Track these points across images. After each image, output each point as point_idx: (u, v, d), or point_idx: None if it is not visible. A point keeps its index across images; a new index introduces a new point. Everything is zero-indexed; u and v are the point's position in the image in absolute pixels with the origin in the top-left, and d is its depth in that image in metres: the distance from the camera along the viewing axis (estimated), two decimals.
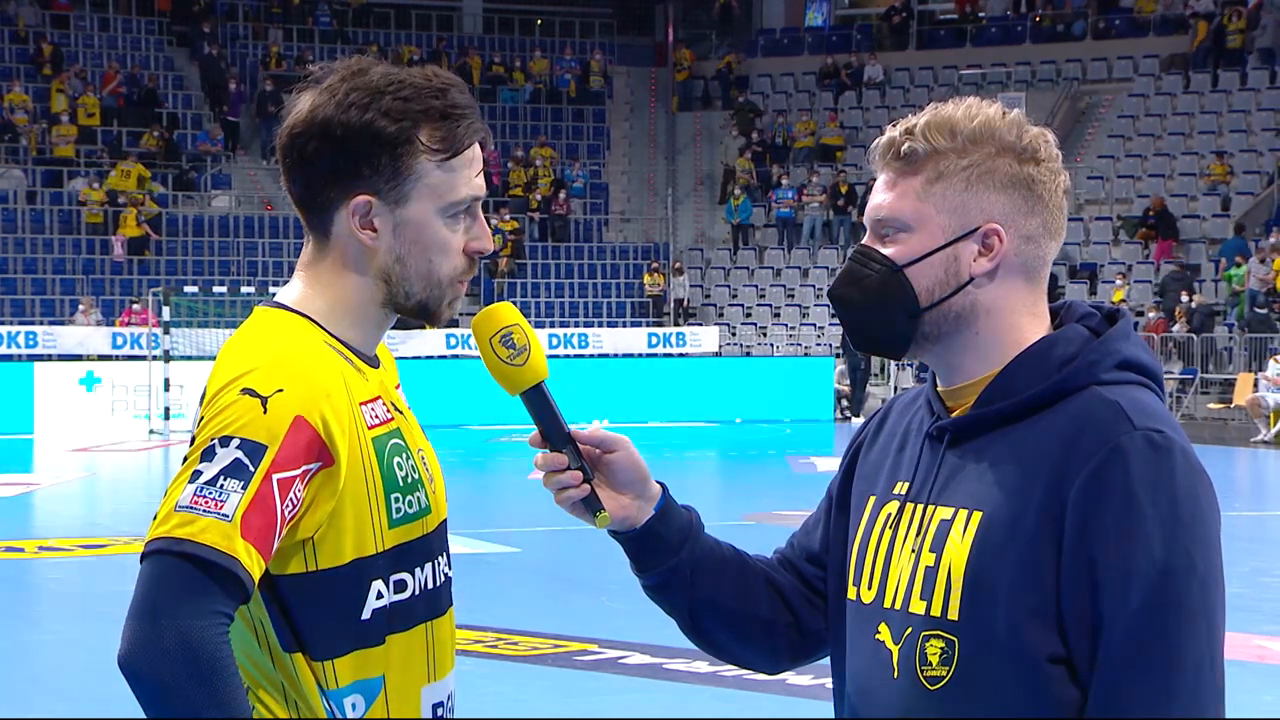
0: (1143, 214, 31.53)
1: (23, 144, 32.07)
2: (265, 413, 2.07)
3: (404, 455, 2.24)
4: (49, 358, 25.98)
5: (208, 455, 2.05)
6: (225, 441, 2.05)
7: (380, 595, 2.19)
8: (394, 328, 2.37)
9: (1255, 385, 24.53)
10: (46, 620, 9.64)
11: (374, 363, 2.31)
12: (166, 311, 23.93)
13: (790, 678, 7.39)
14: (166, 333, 23.73)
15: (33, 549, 12.24)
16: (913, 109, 2.21)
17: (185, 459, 2.09)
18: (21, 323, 27.52)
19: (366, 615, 2.18)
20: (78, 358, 26.08)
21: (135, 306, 27.69)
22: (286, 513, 2.07)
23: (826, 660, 2.33)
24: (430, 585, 2.27)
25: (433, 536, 2.28)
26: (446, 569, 2.33)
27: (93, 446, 21.64)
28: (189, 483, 2.03)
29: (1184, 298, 28.32)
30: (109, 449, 21.54)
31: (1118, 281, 29.56)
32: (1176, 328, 27.48)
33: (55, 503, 15.94)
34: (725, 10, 41.18)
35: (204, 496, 2.02)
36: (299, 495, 2.09)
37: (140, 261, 30.32)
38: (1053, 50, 37.00)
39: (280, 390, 2.09)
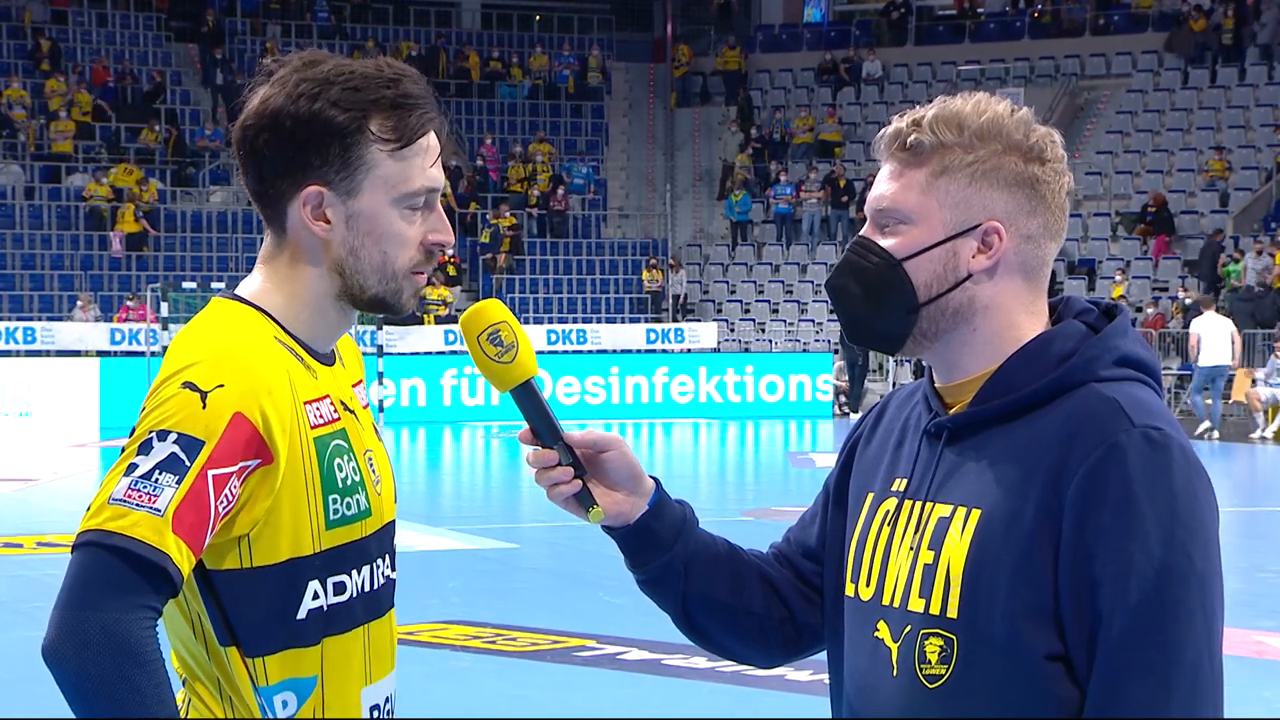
0: (1141, 210, 31.54)
1: (21, 140, 32.05)
2: (204, 408, 2.06)
3: (345, 456, 2.22)
4: (48, 354, 25.98)
5: (145, 449, 2.05)
6: (163, 435, 2.05)
7: (316, 596, 2.18)
8: (390, 323, 2.35)
9: (1253, 381, 24.56)
10: (45, 616, 9.63)
11: (328, 360, 2.29)
12: (164, 307, 23.92)
13: (788, 674, 7.39)
14: (165, 329, 23.71)
15: (31, 545, 12.24)
16: (911, 105, 2.20)
17: (124, 449, 2.08)
18: (20, 319, 27.51)
19: (301, 615, 2.16)
20: (76, 354, 26.08)
21: (130, 304, 27.68)
22: (221, 509, 2.06)
23: (824, 656, 2.33)
24: (368, 588, 2.25)
25: (371, 540, 2.26)
26: (389, 571, 2.31)
27: (90, 443, 21.64)
28: (124, 475, 2.03)
29: (1180, 294, 28.36)
30: (109, 445, 21.53)
31: (1116, 278, 29.58)
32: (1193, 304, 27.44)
33: (54, 499, 15.93)
34: (724, 6, 41.16)
35: (138, 490, 2.02)
36: (235, 492, 2.08)
37: (138, 257, 30.32)
38: (1051, 46, 37.00)
39: (221, 386, 2.07)
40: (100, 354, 26.00)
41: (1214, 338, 23.19)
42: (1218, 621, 1.97)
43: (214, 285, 26.34)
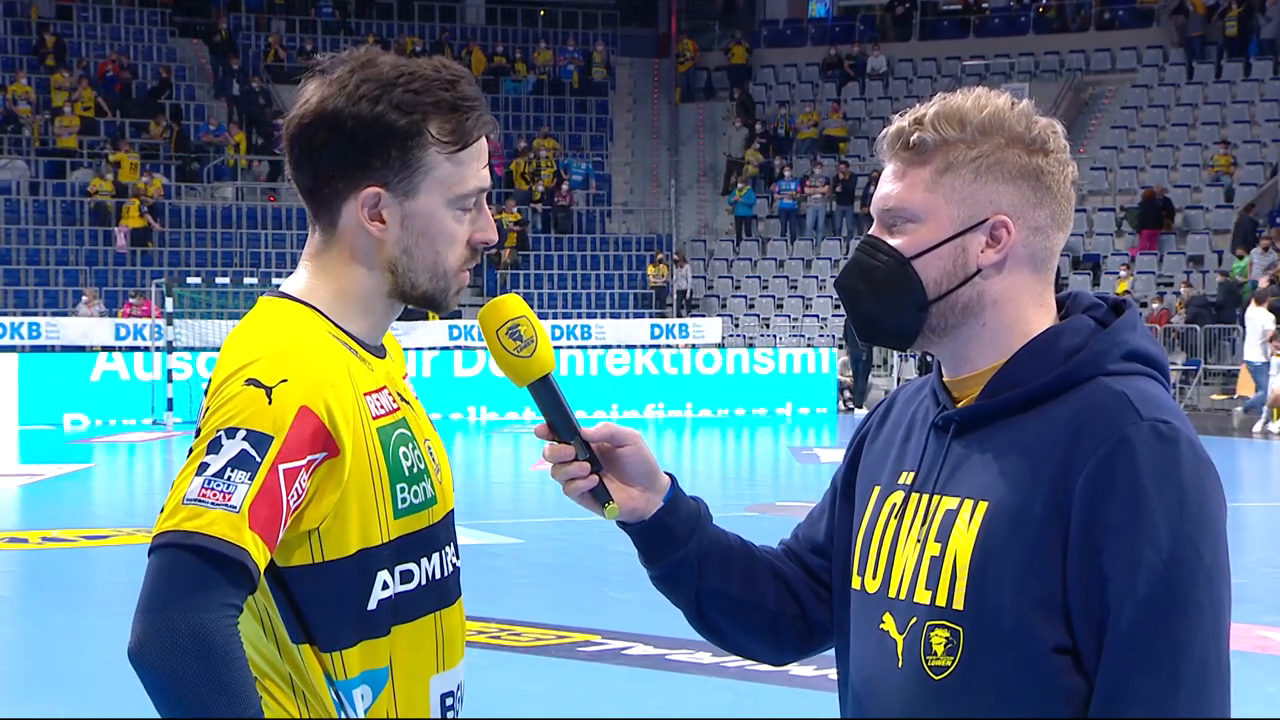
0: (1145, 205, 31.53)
1: (26, 135, 32.07)
2: (270, 403, 2.07)
3: (410, 445, 2.24)
4: (52, 349, 25.99)
5: (214, 447, 2.05)
6: (231, 433, 2.06)
7: (386, 585, 2.19)
8: (399, 318, 2.37)
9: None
10: (49, 611, 9.65)
11: (380, 353, 2.31)
12: (169, 303, 23.92)
13: (793, 669, 7.39)
14: (169, 324, 23.73)
15: (36, 540, 12.25)
16: (916, 100, 2.20)
17: (191, 451, 2.08)
18: (25, 314, 27.52)
19: (372, 605, 2.17)
20: (81, 349, 26.09)
21: (133, 300, 27.70)
22: (292, 503, 2.07)
23: (830, 651, 2.33)
24: (438, 575, 2.27)
25: (439, 526, 2.28)
26: (455, 559, 2.33)
27: (95, 438, 21.67)
28: (196, 475, 2.04)
29: (1182, 290, 28.36)
30: (112, 440, 21.55)
31: (1121, 273, 29.56)
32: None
33: (58, 493, 15.95)
34: (728, 2, 41.15)
35: (211, 489, 2.02)
36: (304, 485, 2.09)
37: (143, 252, 30.33)
38: (1056, 41, 37.00)
39: (285, 381, 2.09)
40: (105, 349, 26.01)
41: (1251, 333, 23.25)
42: (1226, 616, 1.97)
43: (219, 280, 26.37)
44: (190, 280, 26.59)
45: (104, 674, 7.69)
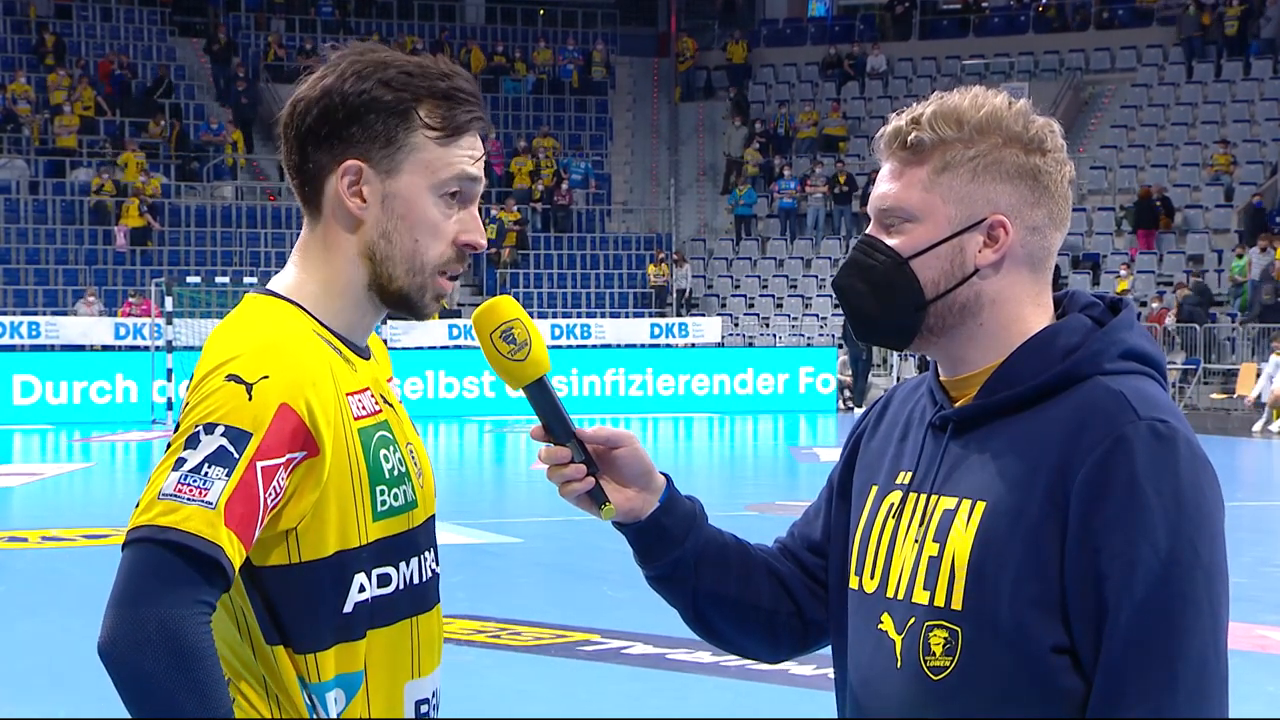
0: (1147, 204, 31.53)
1: (25, 134, 32.06)
2: (250, 399, 2.04)
3: (391, 448, 2.21)
4: (52, 348, 25.98)
5: (192, 442, 2.03)
6: (210, 428, 2.03)
7: (363, 588, 2.16)
8: (395, 318, 2.35)
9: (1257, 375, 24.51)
10: (49, 610, 9.64)
11: (364, 354, 2.28)
12: (169, 302, 23.91)
13: (792, 668, 7.39)
14: (169, 323, 23.72)
15: (36, 539, 12.25)
16: (915, 99, 2.20)
17: (169, 445, 2.06)
18: (24, 313, 27.51)
19: (348, 608, 2.14)
20: (80, 348, 26.08)
21: (133, 300, 27.69)
22: (269, 501, 2.04)
23: (828, 650, 2.33)
24: (416, 580, 2.24)
25: (418, 531, 2.25)
26: (434, 565, 2.29)
27: (95, 436, 21.67)
28: (173, 470, 2.02)
29: (1177, 290, 28.39)
30: (112, 438, 21.55)
31: (1121, 272, 29.57)
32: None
33: (58, 493, 15.95)
34: (728, 1, 41.15)
35: (188, 484, 2.00)
36: (282, 484, 2.06)
37: (143, 252, 30.32)
38: (1055, 40, 37.03)
39: (265, 377, 2.06)
40: (105, 348, 26.01)
41: None
42: (1223, 614, 1.97)
43: (218, 280, 26.36)
44: (190, 280, 26.58)
45: (103, 674, 7.68)
